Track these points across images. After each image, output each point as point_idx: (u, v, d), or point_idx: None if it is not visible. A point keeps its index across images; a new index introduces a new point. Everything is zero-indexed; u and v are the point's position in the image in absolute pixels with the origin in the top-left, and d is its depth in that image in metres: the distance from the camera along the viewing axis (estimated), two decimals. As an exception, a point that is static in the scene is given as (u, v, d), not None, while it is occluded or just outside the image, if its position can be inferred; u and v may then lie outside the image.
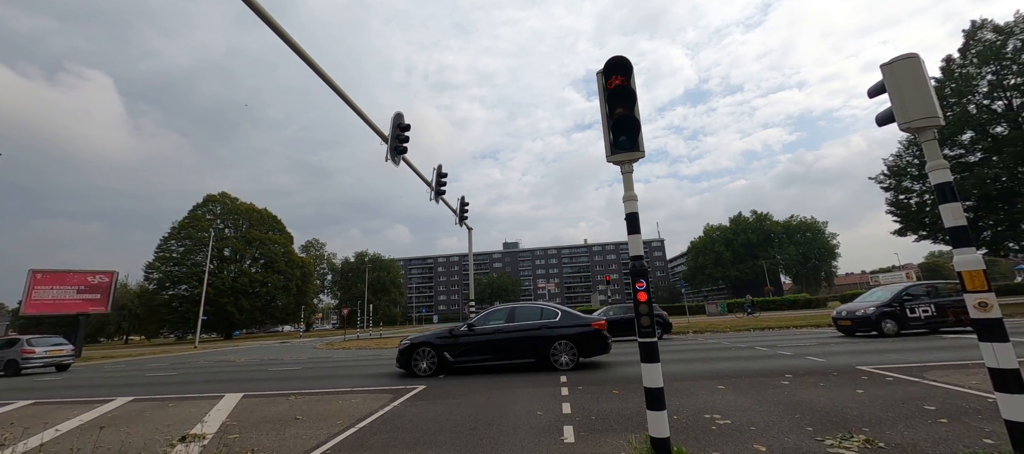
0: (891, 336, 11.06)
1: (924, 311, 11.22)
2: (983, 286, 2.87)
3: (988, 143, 24.50)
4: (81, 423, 5.93)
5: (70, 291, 31.71)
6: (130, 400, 7.64)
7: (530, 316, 8.91)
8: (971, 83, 24.78)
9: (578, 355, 8.42)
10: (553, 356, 8.39)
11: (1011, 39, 23.53)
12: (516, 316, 8.99)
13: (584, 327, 8.58)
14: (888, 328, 11.24)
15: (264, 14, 6.64)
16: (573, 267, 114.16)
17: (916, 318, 11.23)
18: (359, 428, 4.86)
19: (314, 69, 7.87)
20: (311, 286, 61.70)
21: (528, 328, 8.70)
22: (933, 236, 26.78)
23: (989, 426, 3.70)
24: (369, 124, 9.98)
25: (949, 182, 3.06)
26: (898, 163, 27.90)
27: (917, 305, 11.29)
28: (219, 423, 5.48)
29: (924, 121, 3.12)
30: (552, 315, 8.87)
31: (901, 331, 11.26)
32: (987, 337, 2.83)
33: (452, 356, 8.61)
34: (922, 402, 4.61)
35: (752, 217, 79.52)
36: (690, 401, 5.25)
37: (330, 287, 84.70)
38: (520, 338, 8.63)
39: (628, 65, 3.63)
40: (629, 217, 3.53)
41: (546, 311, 8.99)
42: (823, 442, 3.57)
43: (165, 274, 48.92)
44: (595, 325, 8.58)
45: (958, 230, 2.99)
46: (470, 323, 9.04)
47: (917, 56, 3.19)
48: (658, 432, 3.13)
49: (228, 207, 54.54)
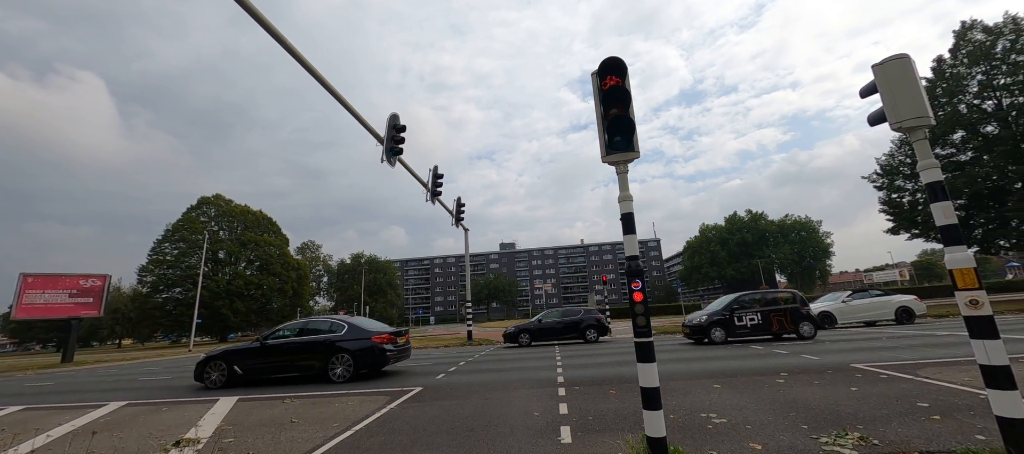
0: (719, 343, 11.67)
1: (750, 319, 11.86)
2: (974, 284, 2.90)
3: (979, 142, 24.79)
4: (73, 428, 5.86)
5: (62, 295, 31.32)
6: (123, 404, 7.56)
7: (319, 330, 9.39)
8: (962, 83, 25.07)
9: (355, 368, 8.73)
10: (331, 368, 8.73)
11: (1000, 39, 23.84)
12: (306, 330, 9.52)
13: (363, 341, 8.90)
14: (717, 336, 11.84)
15: (258, 15, 6.61)
16: (570, 267, 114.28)
17: (743, 326, 11.86)
18: (356, 430, 4.84)
19: (309, 70, 7.83)
20: (307, 288, 61.31)
21: (311, 342, 9.12)
22: (925, 234, 27.06)
23: (981, 422, 3.74)
24: (364, 125, 9.94)
25: (940, 181, 3.09)
26: (890, 162, 28.17)
27: (745, 314, 11.90)
28: (214, 427, 5.44)
29: (915, 121, 3.15)
30: (339, 329, 9.26)
31: (729, 338, 11.93)
32: (978, 334, 2.86)
33: (241, 369, 9.13)
34: (915, 399, 4.65)
35: (747, 217, 79.91)
36: (686, 400, 5.27)
37: (326, 289, 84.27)
38: (302, 351, 9.08)
39: (622, 66, 3.64)
40: (624, 217, 3.54)
41: (335, 325, 9.42)
42: (818, 440, 3.59)
43: (159, 277, 48.44)
44: (376, 339, 8.91)
45: (949, 228, 3.02)
46: (263, 337, 9.58)
47: (908, 56, 3.22)
48: (654, 432, 3.14)
49: (223, 209, 54.13)
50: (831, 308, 15.59)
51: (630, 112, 3.62)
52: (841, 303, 15.73)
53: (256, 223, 55.33)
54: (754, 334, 11.85)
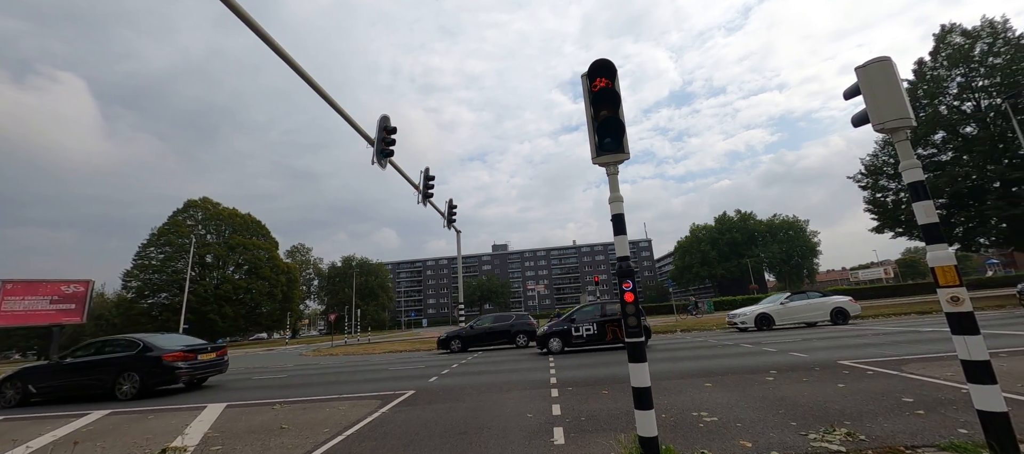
0: (557, 353, 12.14)
1: (586, 330, 12.35)
2: (955, 281, 2.96)
3: (959, 143, 25.43)
4: (53, 439, 5.70)
5: (43, 301, 30.56)
6: (106, 413, 7.37)
7: (115, 348, 9.74)
8: (942, 85, 25.71)
9: (141, 385, 9.08)
10: (118, 386, 9.06)
11: (978, 43, 24.50)
12: (102, 349, 9.91)
13: (151, 359, 9.27)
14: (554, 346, 12.38)
15: (245, 16, 6.52)
16: (562, 268, 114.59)
17: (579, 336, 12.37)
18: (346, 436, 4.79)
19: (298, 71, 7.76)
20: (297, 292, 60.65)
21: (102, 361, 9.55)
22: (909, 233, 27.66)
23: (963, 416, 3.82)
24: (355, 127, 9.87)
25: (922, 181, 3.16)
26: (875, 162, 28.76)
27: (581, 325, 12.43)
28: (201, 435, 5.34)
29: (897, 122, 3.21)
30: (133, 347, 9.62)
31: (565, 348, 12.47)
32: (959, 330, 2.92)
33: (35, 388, 9.43)
34: (900, 395, 4.74)
35: (736, 216, 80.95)
36: (678, 399, 5.31)
37: (317, 293, 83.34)
38: (95, 369, 9.43)
39: (612, 68, 3.66)
40: (615, 218, 3.56)
41: (131, 343, 9.75)
42: (807, 437, 3.64)
43: (144, 282, 47.53)
44: (167, 357, 9.25)
45: (931, 227, 3.08)
46: (60, 356, 10.06)
47: (889, 59, 3.29)
48: (646, 431, 3.15)
49: (210, 212, 53.31)
50: (769, 310, 15.75)
51: (620, 113, 3.64)
52: (779, 305, 15.90)
53: (244, 226, 54.58)
54: (589, 344, 12.33)
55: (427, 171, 14.89)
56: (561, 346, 12.37)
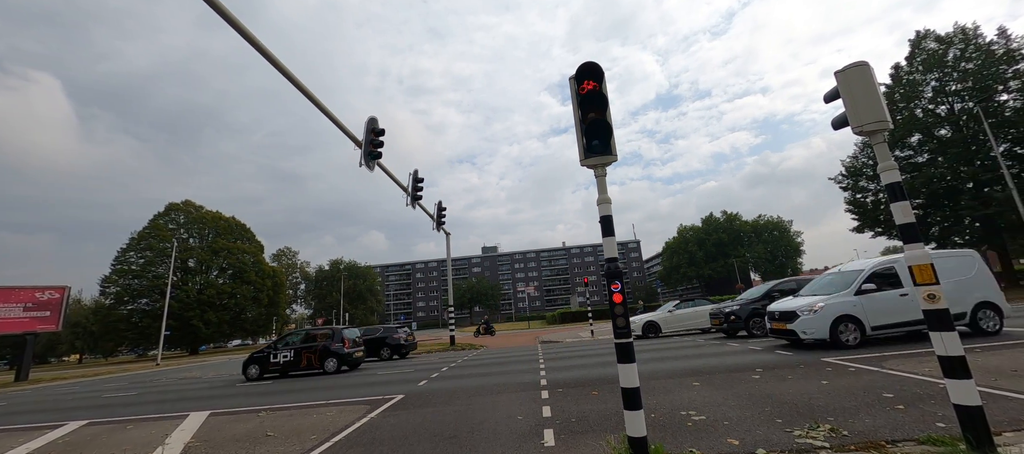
0: (255, 379, 12.34)
1: (283, 356, 12.48)
2: (931, 279, 3.05)
3: (934, 145, 26.29)
4: (28, 451, 5.50)
5: (16, 309, 29.43)
6: (84, 423, 7.14)
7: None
8: (917, 89, 26.56)
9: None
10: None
11: (951, 48, 25.39)
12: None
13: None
14: (252, 372, 12.46)
15: (229, 17, 6.41)
16: (552, 270, 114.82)
17: (277, 362, 12.43)
18: (334, 442, 4.71)
19: (284, 73, 7.64)
20: (283, 296, 59.50)
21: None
22: (888, 232, 28.47)
23: (941, 410, 3.94)
24: (342, 129, 9.76)
25: (899, 182, 3.25)
26: (854, 164, 29.54)
27: (278, 352, 12.54)
28: (183, 444, 5.20)
29: (875, 125, 3.30)
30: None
31: (264, 375, 12.46)
32: (936, 327, 3.01)
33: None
34: (881, 390, 4.86)
35: (723, 217, 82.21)
36: (667, 398, 5.36)
37: (304, 297, 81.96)
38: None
39: (599, 70, 3.69)
40: (603, 220, 3.58)
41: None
42: (792, 433, 3.71)
43: (123, 288, 46.11)
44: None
45: (908, 227, 3.17)
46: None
47: (867, 64, 3.38)
48: (635, 431, 3.17)
49: (192, 216, 52.05)
50: (657, 318, 15.87)
51: (607, 116, 3.67)
52: (667, 313, 16.06)
53: (228, 230, 53.41)
54: (286, 370, 12.45)
55: (416, 173, 14.78)
56: (259, 373, 12.38)
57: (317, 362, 12.24)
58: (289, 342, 12.91)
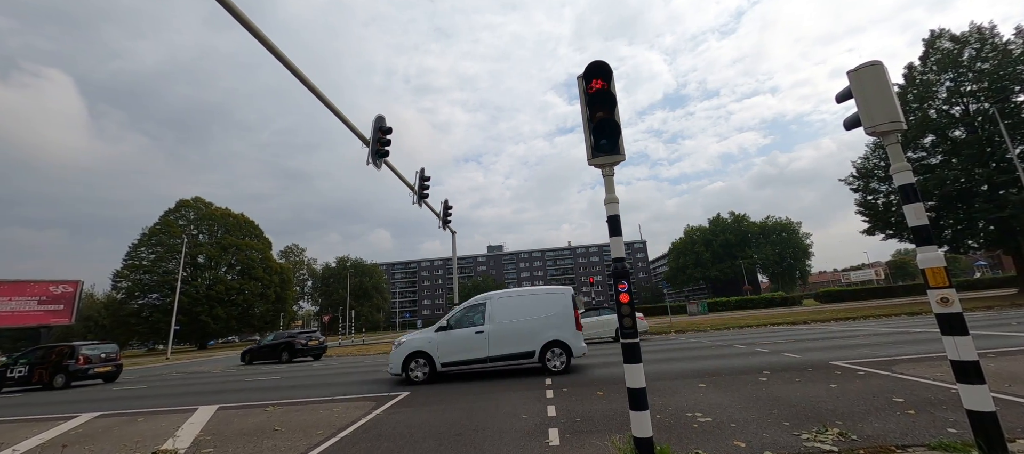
0: None
1: (19, 372, 13.30)
2: (945, 282, 3.00)
3: (948, 146, 25.80)
4: (41, 442, 5.61)
5: (30, 302, 30.10)
6: (96, 415, 7.27)
7: None
8: (931, 89, 26.08)
9: None
10: None
11: (967, 48, 24.89)
12: None
13: None
14: None
15: (240, 16, 6.47)
16: (557, 269, 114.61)
17: (12, 378, 13.29)
18: (340, 437, 4.75)
19: (293, 72, 7.70)
20: (290, 293, 60.08)
21: None
22: (899, 235, 28.00)
23: (953, 415, 3.87)
24: (350, 127, 9.82)
25: (912, 183, 3.20)
26: (865, 165, 29.09)
27: (15, 368, 13.41)
28: (192, 437, 5.27)
29: (888, 125, 3.25)
30: None
31: None
32: (949, 331, 2.96)
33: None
34: (891, 394, 4.79)
35: (730, 218, 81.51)
36: (673, 400, 5.33)
37: (310, 293, 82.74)
38: None
39: (608, 69, 3.68)
40: (610, 219, 3.57)
41: None
42: (799, 436, 3.67)
43: (134, 283, 46.83)
44: None
45: (921, 229, 3.12)
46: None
47: (881, 63, 3.33)
48: (641, 432, 3.16)
49: (202, 212, 52.70)
50: None
51: (616, 115, 3.65)
52: None
53: (237, 226, 54.01)
54: (20, 385, 13.20)
55: (422, 172, 14.82)
56: None
57: (48, 378, 12.97)
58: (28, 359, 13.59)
